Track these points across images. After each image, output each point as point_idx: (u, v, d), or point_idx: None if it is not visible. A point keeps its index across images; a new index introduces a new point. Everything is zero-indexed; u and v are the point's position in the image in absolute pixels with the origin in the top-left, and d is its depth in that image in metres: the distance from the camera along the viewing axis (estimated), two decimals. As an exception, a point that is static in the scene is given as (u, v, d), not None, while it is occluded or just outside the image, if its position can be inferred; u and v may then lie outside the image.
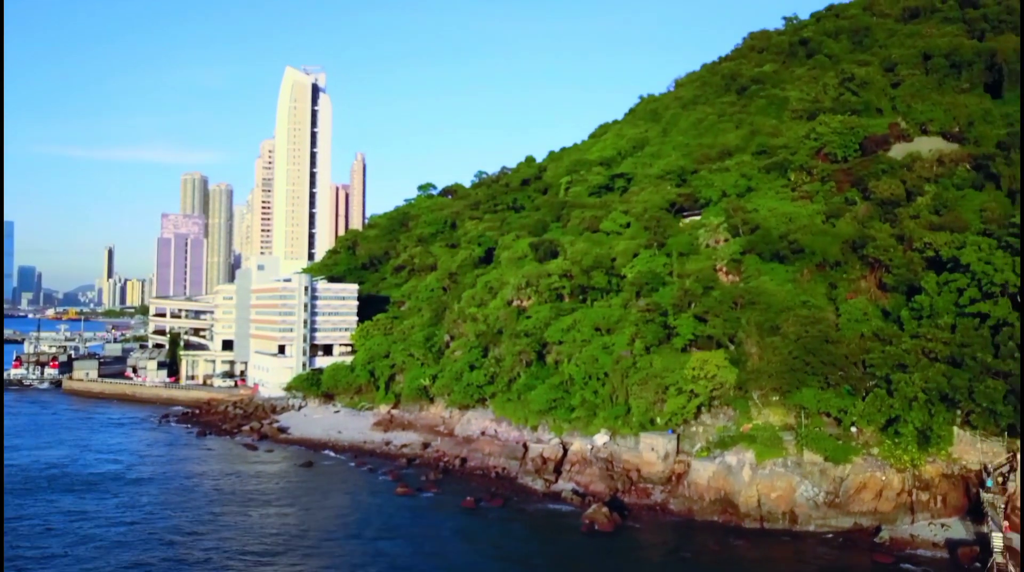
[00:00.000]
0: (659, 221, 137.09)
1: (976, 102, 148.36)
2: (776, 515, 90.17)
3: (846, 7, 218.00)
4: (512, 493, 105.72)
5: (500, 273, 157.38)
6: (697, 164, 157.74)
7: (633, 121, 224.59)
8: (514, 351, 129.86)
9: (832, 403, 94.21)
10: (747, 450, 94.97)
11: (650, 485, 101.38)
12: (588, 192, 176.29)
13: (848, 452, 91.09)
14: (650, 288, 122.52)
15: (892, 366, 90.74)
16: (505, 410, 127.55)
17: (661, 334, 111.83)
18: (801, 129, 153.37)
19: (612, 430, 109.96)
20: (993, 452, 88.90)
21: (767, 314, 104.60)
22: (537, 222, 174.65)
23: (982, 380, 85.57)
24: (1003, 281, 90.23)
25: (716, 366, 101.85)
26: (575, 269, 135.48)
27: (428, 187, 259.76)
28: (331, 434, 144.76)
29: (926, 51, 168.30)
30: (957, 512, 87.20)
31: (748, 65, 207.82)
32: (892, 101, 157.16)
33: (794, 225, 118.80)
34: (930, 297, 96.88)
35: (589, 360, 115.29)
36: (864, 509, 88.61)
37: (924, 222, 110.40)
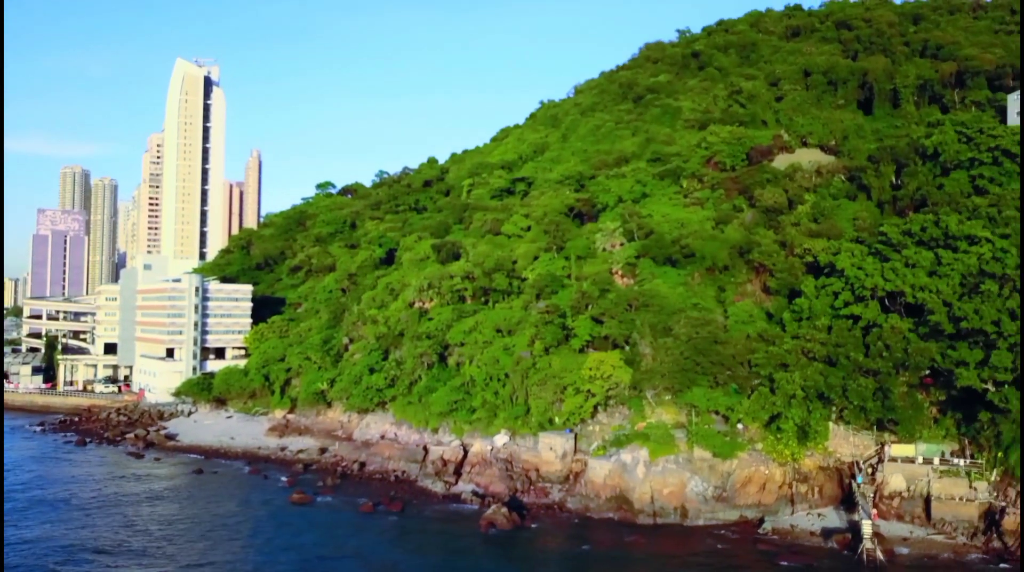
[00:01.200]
0: (558, 225, 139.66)
1: (850, 117, 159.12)
2: (668, 510, 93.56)
3: (735, 23, 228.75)
4: (412, 496, 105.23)
5: (401, 274, 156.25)
6: (595, 170, 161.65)
7: (534, 126, 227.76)
8: (415, 353, 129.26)
9: (720, 401, 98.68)
10: (641, 448, 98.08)
11: (549, 484, 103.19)
12: (490, 195, 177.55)
13: (735, 448, 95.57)
14: (550, 290, 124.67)
15: (775, 365, 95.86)
16: (406, 413, 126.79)
17: (560, 335, 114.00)
18: (693, 138, 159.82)
19: (512, 430, 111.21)
20: (864, 445, 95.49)
21: (660, 316, 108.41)
22: (439, 224, 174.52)
23: (854, 378, 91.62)
24: (873, 285, 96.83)
25: (612, 366, 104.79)
26: (477, 271, 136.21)
27: (327, 186, 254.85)
28: (223, 440, 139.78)
29: (806, 68, 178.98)
30: (832, 502, 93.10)
31: (644, 75, 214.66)
32: (776, 114, 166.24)
33: (686, 230, 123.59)
34: (809, 300, 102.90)
35: (490, 361, 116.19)
36: (749, 502, 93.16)
37: (804, 229, 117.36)
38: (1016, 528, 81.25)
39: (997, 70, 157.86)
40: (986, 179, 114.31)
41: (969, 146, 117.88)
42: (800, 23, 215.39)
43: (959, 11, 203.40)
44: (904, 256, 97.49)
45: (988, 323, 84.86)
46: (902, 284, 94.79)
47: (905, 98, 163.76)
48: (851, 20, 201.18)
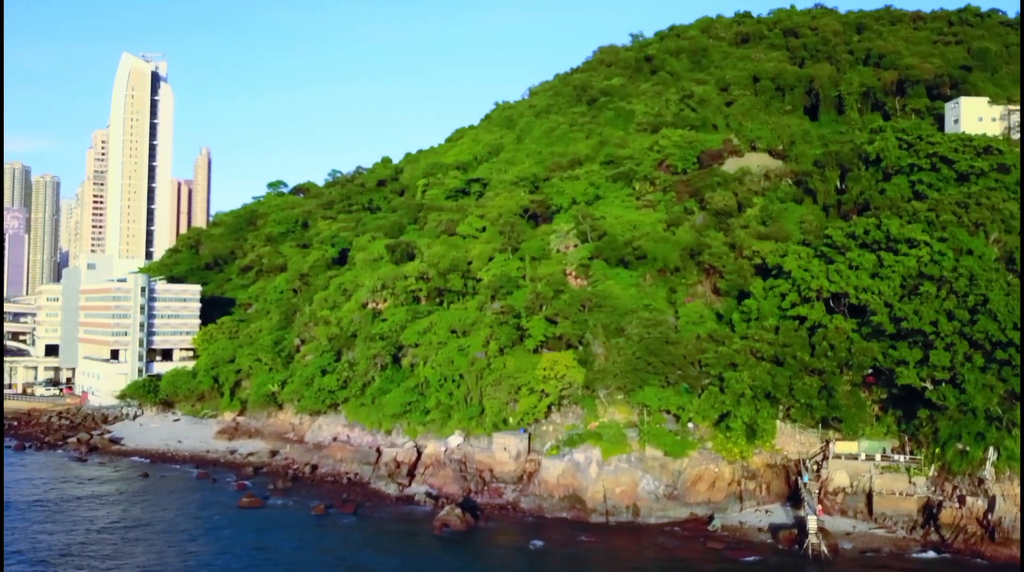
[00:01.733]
0: (513, 226, 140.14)
1: (797, 123, 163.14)
2: (620, 509, 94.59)
3: (686, 28, 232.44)
4: (364, 498, 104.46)
5: (355, 275, 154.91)
6: (549, 171, 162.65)
7: (489, 127, 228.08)
8: (368, 354, 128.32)
9: (672, 401, 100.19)
10: (594, 447, 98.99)
11: (503, 485, 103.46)
12: (445, 195, 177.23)
13: (686, 447, 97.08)
14: (504, 291, 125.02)
15: (724, 365, 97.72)
16: (358, 415, 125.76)
17: (514, 336, 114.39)
18: (645, 141, 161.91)
19: (466, 431, 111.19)
20: (809, 443, 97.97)
21: (613, 316, 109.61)
22: (393, 224, 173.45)
23: (800, 377, 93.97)
24: (818, 287, 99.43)
25: (565, 366, 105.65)
26: (432, 271, 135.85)
27: (279, 185, 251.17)
28: (170, 444, 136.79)
29: (755, 74, 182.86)
30: (780, 499, 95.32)
31: (598, 77, 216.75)
32: (726, 119, 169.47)
33: (638, 232, 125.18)
34: (757, 301, 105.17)
35: (445, 362, 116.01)
36: (699, 499, 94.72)
37: (753, 232, 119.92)
38: (952, 521, 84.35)
39: (935, 79, 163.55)
40: (925, 184, 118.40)
41: (909, 152, 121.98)
42: (749, 30, 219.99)
43: (900, 22, 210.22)
44: (848, 258, 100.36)
45: (927, 324, 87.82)
46: (846, 285, 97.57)
47: (849, 105, 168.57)
48: (798, 28, 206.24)
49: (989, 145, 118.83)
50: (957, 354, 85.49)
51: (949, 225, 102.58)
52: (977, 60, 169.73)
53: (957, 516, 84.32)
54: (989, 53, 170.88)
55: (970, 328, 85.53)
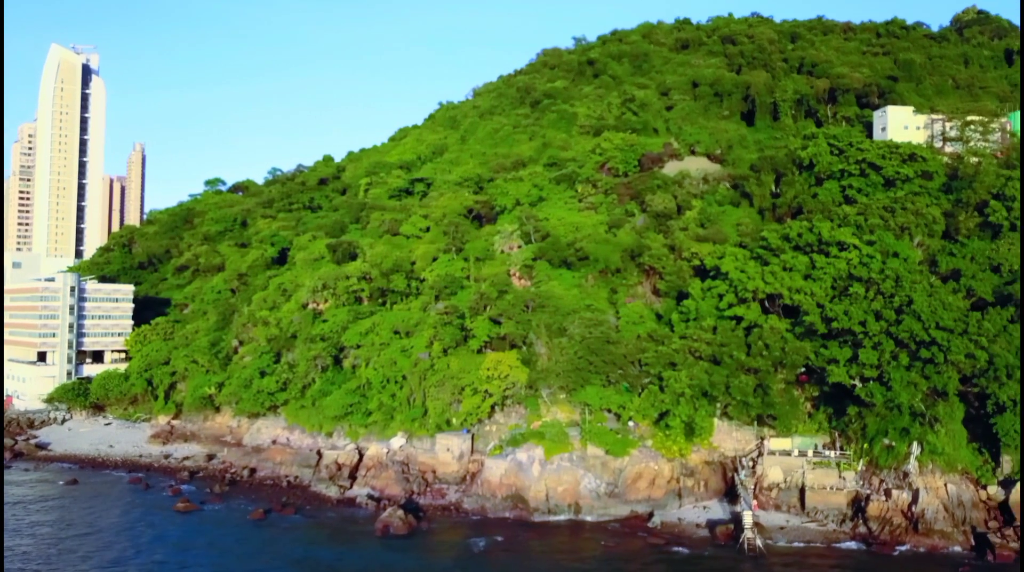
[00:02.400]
0: (458, 226, 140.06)
1: (735, 128, 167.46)
2: (562, 507, 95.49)
3: (628, 33, 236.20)
4: (305, 501, 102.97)
5: (295, 275, 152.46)
6: (493, 172, 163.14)
7: (433, 127, 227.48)
8: (309, 356, 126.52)
9: (613, 400, 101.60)
10: (537, 446, 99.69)
11: (445, 485, 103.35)
12: (388, 195, 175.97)
13: (626, 445, 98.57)
14: (448, 291, 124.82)
15: (664, 364, 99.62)
16: (298, 417, 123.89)
17: (458, 336, 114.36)
18: (588, 144, 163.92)
19: (409, 433, 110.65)
20: (745, 440, 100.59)
21: (556, 317, 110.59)
22: (335, 223, 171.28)
23: (737, 376, 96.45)
24: (754, 288, 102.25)
25: (509, 366, 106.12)
26: (374, 272, 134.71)
27: (216, 182, 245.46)
28: (101, 449, 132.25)
29: (695, 79, 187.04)
30: (717, 495, 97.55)
31: (541, 80, 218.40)
32: (667, 123, 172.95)
33: (580, 234, 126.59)
34: (695, 301, 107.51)
35: (387, 363, 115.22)
36: (640, 497, 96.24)
37: (691, 234, 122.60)
38: (880, 514, 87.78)
39: (864, 88, 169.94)
40: (854, 189, 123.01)
41: (840, 158, 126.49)
42: (689, 36, 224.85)
43: (832, 32, 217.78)
44: (782, 260, 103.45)
45: (856, 323, 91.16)
46: (780, 287, 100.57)
47: (784, 111, 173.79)
48: (736, 36, 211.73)
49: (914, 152, 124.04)
50: (884, 353, 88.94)
51: (877, 229, 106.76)
52: (903, 71, 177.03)
53: (883, 508, 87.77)
54: (914, 65, 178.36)
55: (896, 328, 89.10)
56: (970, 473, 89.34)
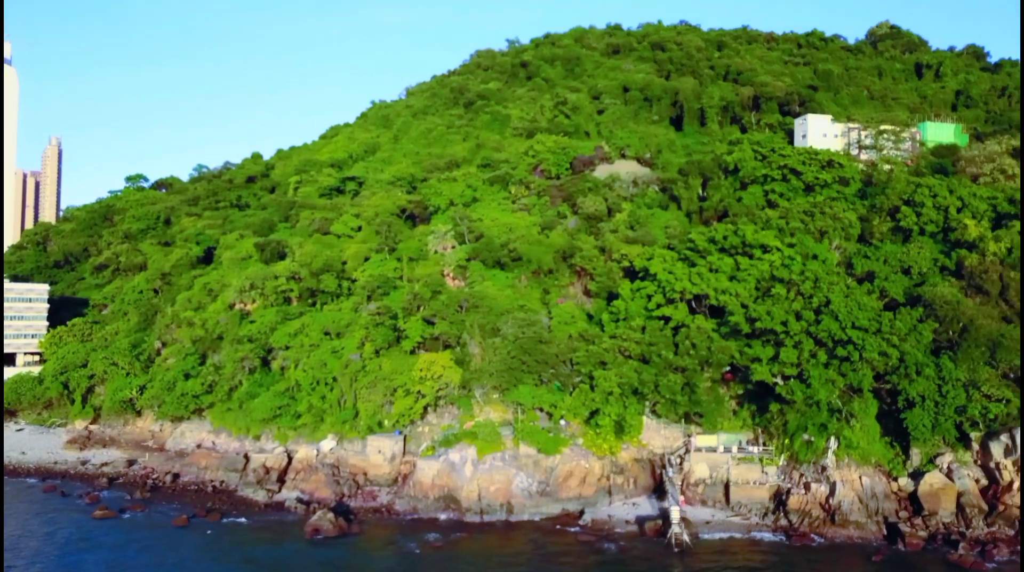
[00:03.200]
0: (390, 226, 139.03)
1: (663, 133, 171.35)
2: (495, 507, 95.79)
3: (560, 37, 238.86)
4: (231, 507, 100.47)
5: (221, 274, 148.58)
6: (427, 172, 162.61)
7: (365, 126, 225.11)
8: (236, 357, 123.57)
9: (545, 399, 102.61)
10: (469, 446, 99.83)
11: (377, 487, 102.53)
12: (318, 193, 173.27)
13: (558, 443, 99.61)
14: (381, 292, 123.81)
15: (594, 363, 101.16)
16: (224, 420, 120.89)
17: (391, 337, 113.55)
18: (521, 146, 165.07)
19: (340, 435, 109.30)
20: (673, 437, 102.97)
21: (489, 317, 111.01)
22: (263, 221, 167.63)
23: (665, 374, 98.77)
24: (682, 288, 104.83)
25: (442, 367, 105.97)
26: (304, 271, 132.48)
27: (138, 179, 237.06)
28: (12, 456, 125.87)
29: (625, 84, 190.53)
30: (646, 491, 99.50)
31: (475, 81, 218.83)
32: (598, 126, 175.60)
33: (514, 235, 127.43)
34: (625, 302, 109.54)
35: (317, 365, 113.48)
36: (571, 495, 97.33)
37: (622, 236, 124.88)
38: (800, 506, 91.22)
39: (786, 97, 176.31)
40: (777, 194, 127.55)
41: (763, 164, 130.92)
42: (620, 42, 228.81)
43: (756, 42, 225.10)
44: (708, 262, 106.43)
45: (778, 323, 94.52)
46: (707, 287, 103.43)
47: (710, 117, 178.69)
48: (665, 42, 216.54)
49: (832, 159, 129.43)
50: (804, 351, 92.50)
51: (797, 232, 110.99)
52: (822, 81, 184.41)
53: (803, 501, 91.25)
54: (832, 75, 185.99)
55: (815, 327, 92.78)
56: (883, 466, 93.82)
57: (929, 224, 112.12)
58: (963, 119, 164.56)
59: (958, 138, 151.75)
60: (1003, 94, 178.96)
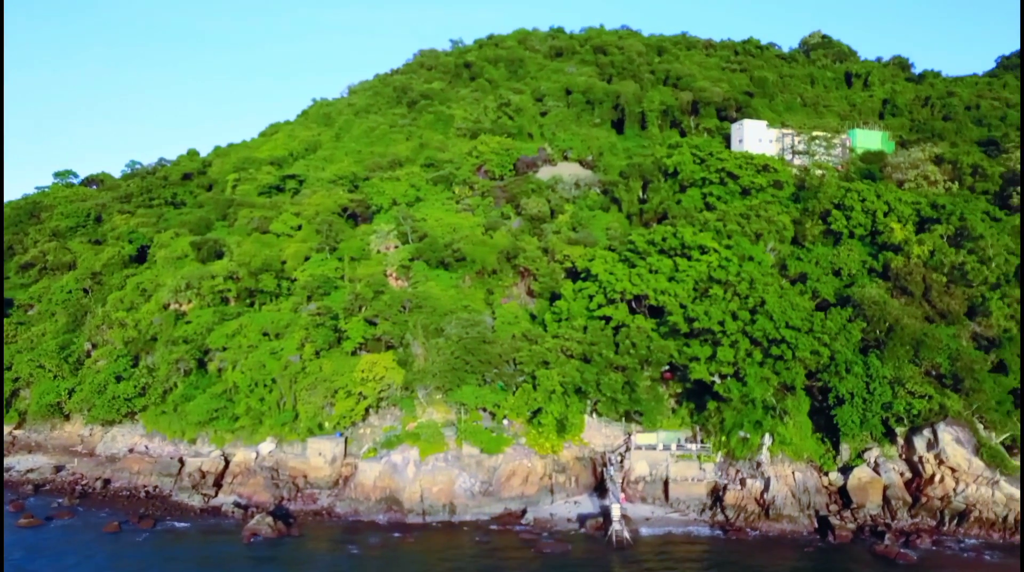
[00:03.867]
0: (331, 225, 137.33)
1: (605, 136, 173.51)
2: (437, 508, 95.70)
3: (504, 38, 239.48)
4: (165, 512, 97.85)
5: (155, 274, 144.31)
6: (369, 171, 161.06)
7: (306, 123, 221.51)
8: (170, 359, 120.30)
9: (488, 398, 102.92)
10: (412, 447, 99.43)
11: (317, 490, 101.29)
12: (257, 191, 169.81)
13: (500, 443, 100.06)
14: (321, 292, 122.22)
15: (537, 363, 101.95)
16: (158, 424, 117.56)
17: (332, 338, 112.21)
18: (465, 146, 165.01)
19: (279, 437, 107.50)
20: (614, 435, 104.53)
21: (432, 317, 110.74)
22: (200, 220, 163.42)
23: (606, 373, 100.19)
24: (622, 289, 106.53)
25: (385, 368, 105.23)
26: (242, 271, 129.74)
27: (67, 175, 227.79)
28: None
29: (568, 87, 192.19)
30: (587, 490, 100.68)
31: (418, 80, 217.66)
32: (541, 128, 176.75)
33: (458, 235, 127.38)
34: (567, 302, 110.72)
35: (256, 366, 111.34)
36: (513, 494, 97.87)
37: (564, 237, 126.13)
38: (736, 501, 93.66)
39: (724, 102, 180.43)
40: (715, 197, 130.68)
41: (702, 167, 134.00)
42: (563, 45, 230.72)
43: (694, 48, 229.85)
44: (648, 263, 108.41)
45: (715, 323, 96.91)
46: (646, 288, 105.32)
47: (651, 121, 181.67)
48: (606, 46, 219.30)
49: (767, 164, 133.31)
50: (740, 350, 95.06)
51: (734, 234, 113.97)
52: (758, 87, 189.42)
53: (739, 497, 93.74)
54: (767, 82, 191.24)
55: (751, 327, 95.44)
56: (814, 461, 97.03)
57: (858, 227, 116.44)
58: (889, 127, 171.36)
59: (885, 145, 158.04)
60: (926, 104, 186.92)
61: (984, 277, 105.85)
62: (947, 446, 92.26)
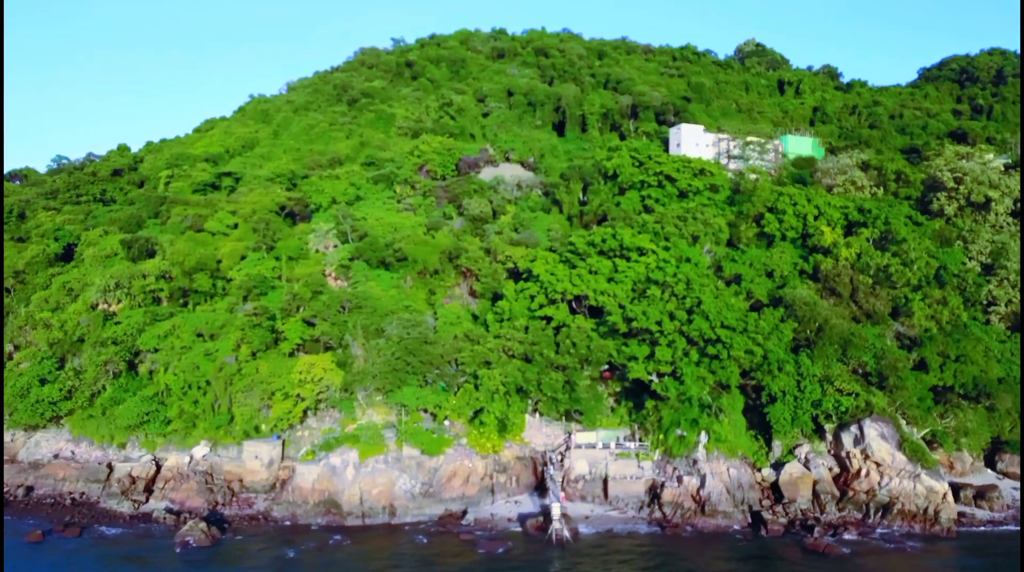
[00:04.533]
0: (268, 223, 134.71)
1: (546, 138, 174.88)
2: (377, 510, 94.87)
3: (446, 38, 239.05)
4: (93, 520, 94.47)
5: (83, 273, 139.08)
6: (308, 169, 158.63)
7: (243, 120, 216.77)
8: (99, 361, 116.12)
9: (429, 399, 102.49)
10: (351, 449, 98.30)
11: (253, 494, 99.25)
12: (192, 189, 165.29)
13: (441, 444, 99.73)
14: (258, 292, 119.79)
15: (479, 363, 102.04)
16: (85, 428, 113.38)
17: (268, 339, 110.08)
18: (406, 145, 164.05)
19: (213, 441, 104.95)
20: (555, 434, 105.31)
21: (373, 318, 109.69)
22: (131, 217, 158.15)
23: (547, 373, 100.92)
24: (563, 289, 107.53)
25: (323, 369, 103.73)
26: (175, 270, 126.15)
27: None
28: None
29: (510, 88, 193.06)
30: (528, 489, 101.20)
31: (359, 78, 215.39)
32: (483, 129, 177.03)
33: (399, 235, 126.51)
34: (509, 302, 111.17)
35: (189, 368, 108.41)
36: (454, 495, 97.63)
37: (506, 238, 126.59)
38: (673, 499, 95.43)
39: (662, 106, 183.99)
40: (653, 199, 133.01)
41: (640, 170, 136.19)
42: (505, 46, 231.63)
43: (634, 52, 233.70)
44: (588, 264, 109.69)
45: (653, 323, 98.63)
46: (586, 288, 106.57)
47: (591, 124, 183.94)
48: (548, 49, 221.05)
49: (704, 167, 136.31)
50: (677, 350, 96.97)
51: (671, 236, 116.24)
52: (695, 92, 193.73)
53: (676, 494, 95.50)
54: (704, 88, 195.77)
55: (687, 327, 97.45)
56: (748, 458, 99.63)
57: (790, 230, 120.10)
58: (819, 134, 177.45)
59: (815, 151, 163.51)
60: (854, 112, 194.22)
61: (907, 279, 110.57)
62: (872, 441, 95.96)
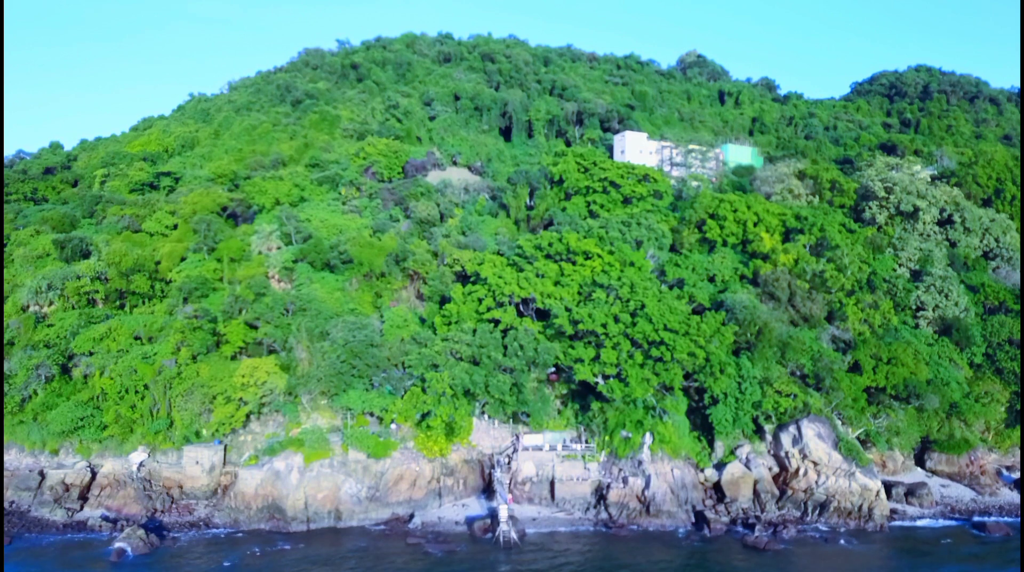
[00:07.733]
0: (209, 224, 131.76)
1: (493, 142, 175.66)
2: (322, 514, 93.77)
3: (392, 41, 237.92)
4: (24, 529, 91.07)
5: (12, 274, 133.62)
6: (250, 170, 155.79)
7: (182, 119, 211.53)
8: (29, 365, 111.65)
9: (375, 403, 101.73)
10: (296, 454, 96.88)
11: (194, 501, 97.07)
12: (129, 188, 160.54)
13: (388, 447, 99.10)
14: (199, 294, 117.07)
15: (426, 366, 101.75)
16: (15, 434, 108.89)
17: (210, 341, 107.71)
18: (351, 147, 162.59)
19: (152, 446, 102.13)
20: (502, 437, 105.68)
21: (318, 320, 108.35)
22: (64, 217, 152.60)
23: (495, 375, 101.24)
24: (510, 292, 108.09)
25: (267, 372, 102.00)
26: (112, 271, 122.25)
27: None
28: None
29: (456, 92, 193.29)
30: (476, 492, 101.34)
31: (303, 79, 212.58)
32: (430, 132, 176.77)
33: (344, 237, 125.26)
34: (457, 305, 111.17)
35: (126, 372, 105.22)
36: (401, 499, 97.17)
37: (454, 241, 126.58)
38: (619, 499, 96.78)
39: (607, 113, 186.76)
40: (598, 205, 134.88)
41: (586, 176, 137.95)
42: (451, 50, 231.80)
43: (579, 60, 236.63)
44: (535, 267, 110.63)
45: (598, 325, 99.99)
46: (534, 291, 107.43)
47: (537, 130, 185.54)
48: (494, 54, 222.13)
49: (647, 174, 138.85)
50: (622, 352, 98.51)
51: (616, 240, 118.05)
52: (638, 101, 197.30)
53: (622, 495, 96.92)
54: (647, 96, 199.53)
55: (632, 329, 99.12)
56: (691, 458, 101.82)
57: (731, 236, 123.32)
58: (758, 143, 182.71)
59: (754, 160, 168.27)
60: (790, 123, 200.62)
61: (841, 284, 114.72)
62: (810, 441, 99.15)
